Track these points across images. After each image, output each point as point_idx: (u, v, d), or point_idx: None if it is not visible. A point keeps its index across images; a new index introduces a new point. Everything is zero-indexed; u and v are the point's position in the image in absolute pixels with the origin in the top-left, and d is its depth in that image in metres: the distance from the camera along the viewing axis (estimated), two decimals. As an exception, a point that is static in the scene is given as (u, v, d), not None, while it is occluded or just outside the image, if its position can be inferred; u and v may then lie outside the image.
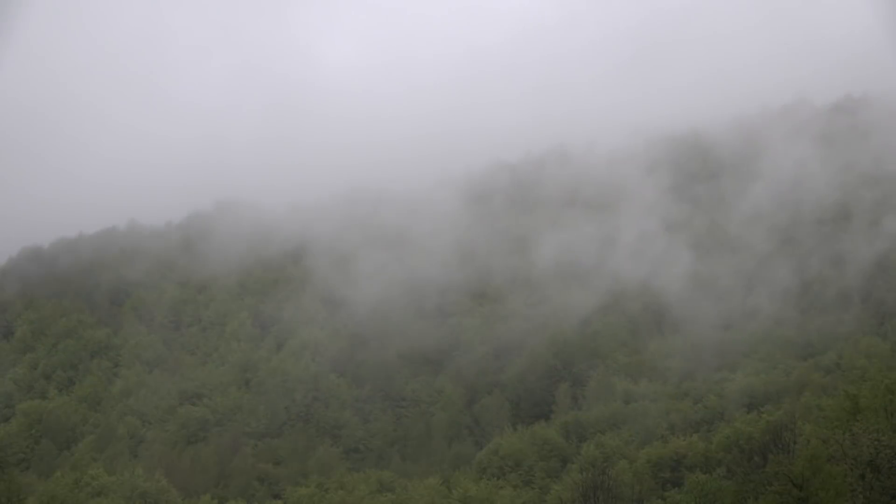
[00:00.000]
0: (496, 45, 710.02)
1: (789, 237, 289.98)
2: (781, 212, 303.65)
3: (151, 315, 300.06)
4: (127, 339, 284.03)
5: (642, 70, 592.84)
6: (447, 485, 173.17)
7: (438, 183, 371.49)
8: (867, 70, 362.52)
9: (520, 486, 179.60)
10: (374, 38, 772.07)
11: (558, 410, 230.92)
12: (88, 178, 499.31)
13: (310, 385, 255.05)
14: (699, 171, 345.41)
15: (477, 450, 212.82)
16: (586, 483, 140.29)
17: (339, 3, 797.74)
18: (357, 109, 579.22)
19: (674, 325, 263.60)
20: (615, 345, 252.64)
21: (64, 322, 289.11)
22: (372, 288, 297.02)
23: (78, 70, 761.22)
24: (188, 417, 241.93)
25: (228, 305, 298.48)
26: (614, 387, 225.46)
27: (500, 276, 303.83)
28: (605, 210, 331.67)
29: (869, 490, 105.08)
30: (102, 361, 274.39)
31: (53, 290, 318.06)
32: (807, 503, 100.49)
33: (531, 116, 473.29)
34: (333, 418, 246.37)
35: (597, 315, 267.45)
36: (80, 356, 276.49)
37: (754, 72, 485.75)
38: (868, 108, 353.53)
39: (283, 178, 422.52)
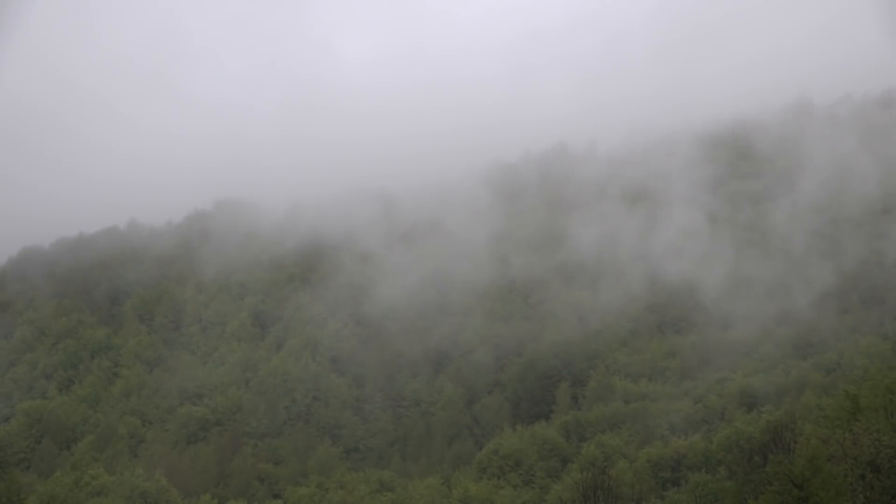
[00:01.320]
0: (516, 39, 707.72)
1: (828, 235, 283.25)
2: (822, 208, 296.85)
3: (151, 315, 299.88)
4: (127, 339, 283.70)
5: (678, 63, 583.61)
6: (447, 484, 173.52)
7: (457, 179, 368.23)
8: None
9: (520, 485, 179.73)
10: (393, 32, 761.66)
11: (558, 410, 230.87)
12: (93, 178, 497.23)
13: (310, 385, 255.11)
14: (736, 166, 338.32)
15: (477, 450, 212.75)
16: (586, 483, 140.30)
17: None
18: (376, 105, 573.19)
19: (679, 325, 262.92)
20: (616, 344, 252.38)
21: (64, 322, 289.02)
22: (384, 286, 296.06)
23: (91, 68, 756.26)
24: (188, 417, 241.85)
25: (228, 305, 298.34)
26: (614, 386, 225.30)
27: (520, 273, 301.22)
28: (627, 206, 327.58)
29: (869, 490, 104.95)
30: (102, 361, 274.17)
31: (53, 290, 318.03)
32: (807, 503, 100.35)
33: (547, 113, 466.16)
34: (333, 418, 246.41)
35: (605, 314, 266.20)
36: (80, 356, 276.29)
37: (798, 63, 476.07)
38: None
39: (300, 175, 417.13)
